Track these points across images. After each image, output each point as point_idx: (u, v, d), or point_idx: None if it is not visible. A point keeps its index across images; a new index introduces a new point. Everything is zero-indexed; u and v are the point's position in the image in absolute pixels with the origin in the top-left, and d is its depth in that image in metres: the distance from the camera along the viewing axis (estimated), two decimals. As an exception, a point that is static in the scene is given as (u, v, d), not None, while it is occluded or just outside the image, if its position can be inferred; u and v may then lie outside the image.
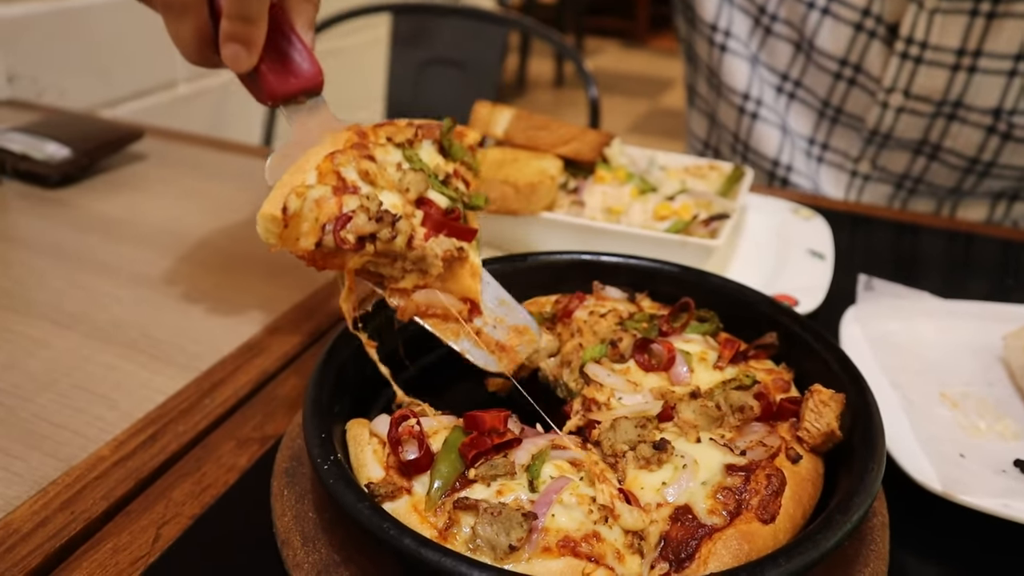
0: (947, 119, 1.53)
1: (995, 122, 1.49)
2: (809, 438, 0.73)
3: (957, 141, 1.55)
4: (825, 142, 1.73)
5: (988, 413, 0.94)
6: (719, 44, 1.75)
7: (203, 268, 1.22)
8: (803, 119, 1.73)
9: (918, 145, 1.60)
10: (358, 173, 0.81)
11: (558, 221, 1.16)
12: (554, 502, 0.64)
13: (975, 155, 1.55)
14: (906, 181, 1.68)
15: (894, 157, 1.64)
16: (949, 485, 0.78)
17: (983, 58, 1.46)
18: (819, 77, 1.65)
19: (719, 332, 0.90)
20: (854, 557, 0.69)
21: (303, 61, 0.87)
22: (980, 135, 1.52)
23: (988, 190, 1.64)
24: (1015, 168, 1.55)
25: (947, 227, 1.52)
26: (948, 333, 1.06)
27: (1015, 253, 1.44)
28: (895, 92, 1.53)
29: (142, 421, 0.89)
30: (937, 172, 1.62)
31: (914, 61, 1.50)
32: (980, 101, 1.49)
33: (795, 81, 1.70)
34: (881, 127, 1.59)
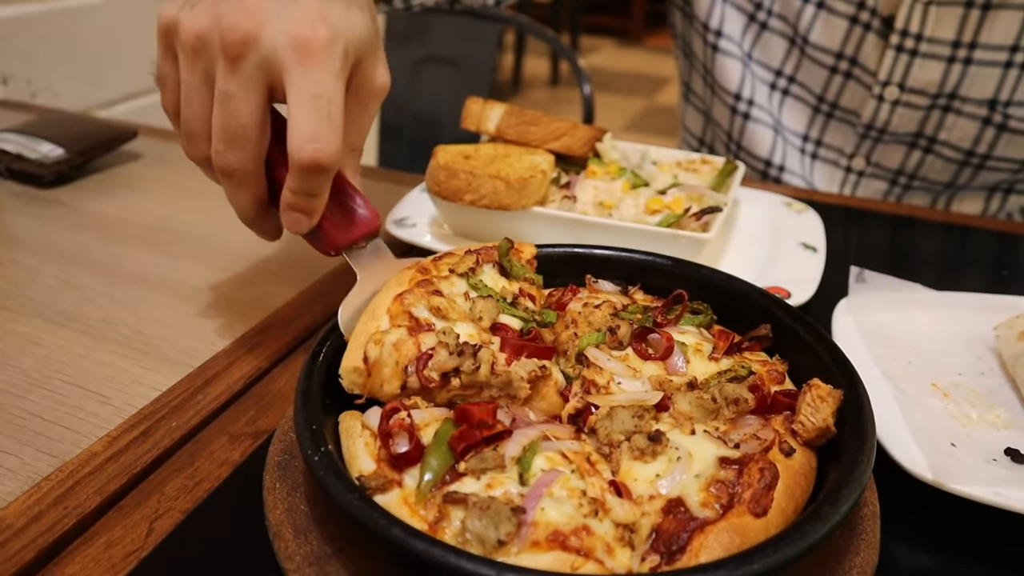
0: (942, 111, 1.54)
1: (990, 113, 1.49)
2: (804, 432, 0.73)
3: (952, 133, 1.55)
4: (819, 139, 1.73)
5: (980, 403, 0.94)
6: (711, 44, 1.75)
7: (196, 266, 1.22)
8: (797, 115, 1.74)
9: (913, 139, 1.60)
10: (429, 310, 0.82)
11: (550, 215, 1.16)
12: (544, 496, 0.64)
13: (970, 147, 1.55)
14: (901, 177, 1.68)
15: (888, 152, 1.65)
16: (940, 474, 0.78)
17: (978, 50, 1.46)
18: (814, 72, 1.65)
19: (713, 324, 0.90)
20: (845, 547, 0.69)
21: (359, 208, 0.90)
22: (975, 127, 1.52)
23: (983, 184, 1.64)
24: (1010, 160, 1.55)
25: (940, 220, 1.52)
26: (940, 324, 1.07)
27: (1009, 245, 1.44)
28: (891, 85, 1.54)
29: (135, 417, 0.89)
30: (932, 166, 1.62)
31: (909, 54, 1.50)
32: (975, 93, 1.49)
33: (789, 77, 1.70)
34: (876, 121, 1.59)
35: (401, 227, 1.26)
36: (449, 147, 1.22)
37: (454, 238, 1.24)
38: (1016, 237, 1.44)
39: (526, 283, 0.93)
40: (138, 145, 1.65)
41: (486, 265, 0.92)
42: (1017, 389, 0.96)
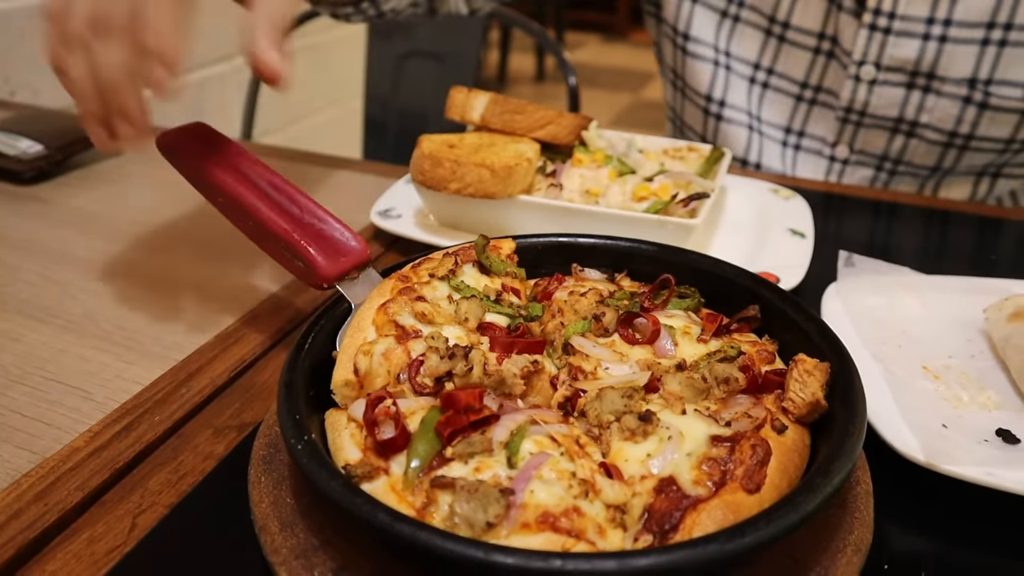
0: (922, 91, 1.53)
1: (971, 92, 1.49)
2: (794, 408, 0.72)
3: (933, 115, 1.55)
4: (801, 129, 1.72)
5: (970, 385, 0.93)
6: (680, 47, 1.74)
7: (178, 260, 1.20)
8: (777, 108, 1.72)
9: (895, 123, 1.60)
10: (414, 316, 0.81)
11: (536, 203, 1.15)
12: (533, 478, 0.64)
13: (953, 128, 1.55)
14: (886, 163, 1.68)
15: (871, 138, 1.64)
16: (932, 455, 0.78)
17: (953, 27, 1.46)
18: (795, 57, 1.64)
19: (700, 308, 0.90)
20: (839, 525, 0.69)
21: (348, 240, 0.91)
22: (956, 107, 1.52)
23: (970, 167, 1.64)
24: (994, 140, 1.55)
25: (927, 205, 1.52)
26: (930, 307, 1.06)
27: (996, 229, 1.44)
28: (866, 64, 1.53)
29: (117, 411, 0.87)
30: (916, 150, 1.62)
31: (883, 32, 1.50)
32: (954, 71, 1.49)
33: (768, 69, 1.69)
34: (855, 103, 1.58)
35: (386, 218, 1.24)
36: (434, 136, 1.21)
37: (439, 228, 1.23)
38: (1001, 221, 1.44)
39: (508, 278, 0.92)
40: (119, 142, 1.62)
41: (465, 265, 0.91)
42: (1007, 371, 0.96)
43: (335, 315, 0.85)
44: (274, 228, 0.89)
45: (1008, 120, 1.51)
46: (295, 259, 0.90)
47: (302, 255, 0.88)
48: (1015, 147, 1.56)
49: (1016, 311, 0.99)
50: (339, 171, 1.59)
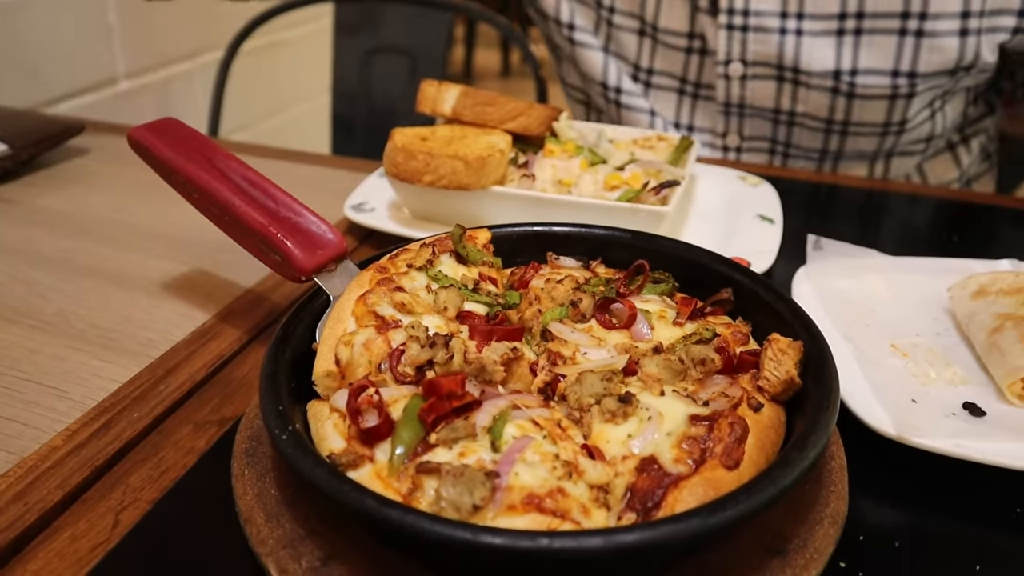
0: (793, 84, 1.56)
1: (836, 83, 1.51)
2: (769, 387, 0.74)
3: (808, 105, 1.58)
4: (690, 123, 1.74)
5: (937, 361, 0.96)
6: (567, 37, 1.76)
7: (150, 258, 1.19)
8: (664, 104, 1.75)
9: (774, 114, 1.62)
10: (393, 306, 0.82)
11: (509, 194, 1.16)
12: (517, 461, 0.64)
13: (828, 116, 1.58)
14: (777, 146, 1.70)
15: (757, 125, 1.67)
16: (902, 429, 0.80)
17: (807, 20, 1.49)
18: (671, 56, 1.67)
19: (675, 292, 0.91)
20: (815, 498, 0.71)
21: (324, 233, 0.91)
22: (826, 97, 1.55)
23: (858, 151, 1.66)
24: (871, 124, 1.58)
25: (902, 190, 1.55)
26: (896, 288, 1.09)
27: (955, 211, 1.48)
28: (733, 62, 1.56)
29: (95, 409, 0.87)
30: (800, 136, 1.65)
31: (741, 30, 1.53)
32: (816, 65, 1.51)
33: (648, 69, 1.71)
34: (731, 97, 1.61)
35: (360, 212, 1.24)
36: (406, 129, 1.21)
37: (413, 221, 1.24)
38: (960, 203, 1.48)
39: (485, 267, 0.93)
40: (85, 140, 1.61)
41: (443, 256, 0.92)
42: (971, 347, 0.99)
43: (314, 307, 0.85)
44: (250, 222, 0.89)
45: (878, 106, 1.53)
46: (272, 253, 0.90)
47: (279, 248, 0.88)
48: (894, 129, 1.58)
49: (979, 289, 1.02)
50: (309, 167, 1.59)
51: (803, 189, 1.55)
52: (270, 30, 2.63)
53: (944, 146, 1.75)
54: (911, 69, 1.47)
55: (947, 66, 1.47)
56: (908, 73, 1.47)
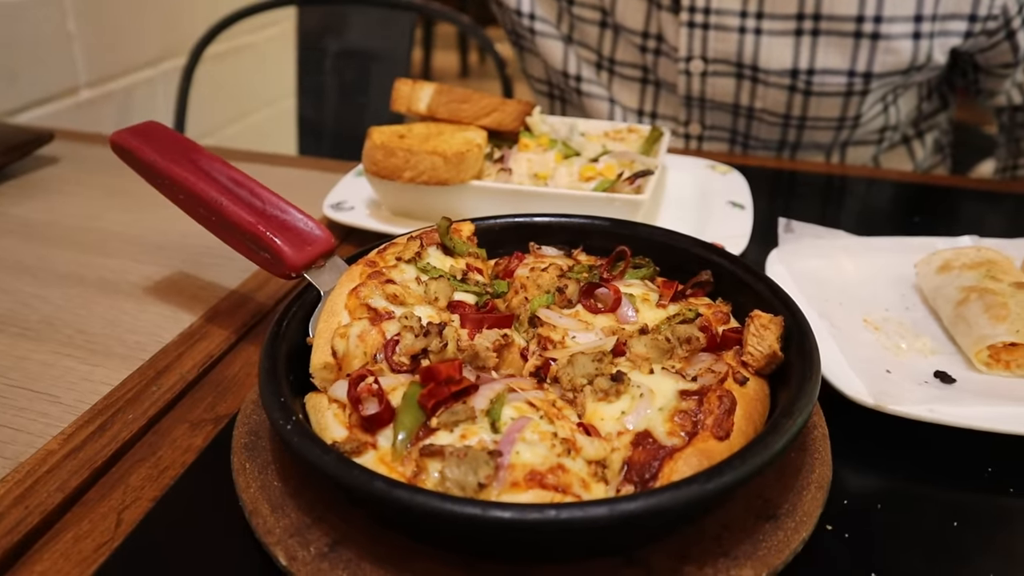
0: (751, 82, 1.60)
1: (793, 81, 1.56)
2: (753, 361, 0.77)
3: (766, 101, 1.62)
4: (653, 111, 1.78)
5: (907, 333, 1.00)
6: (528, 28, 1.79)
7: (132, 263, 1.19)
8: (627, 92, 1.78)
9: (734, 108, 1.67)
10: (386, 298, 0.83)
11: (489, 188, 1.18)
12: (517, 440, 0.67)
13: (785, 112, 1.62)
14: (737, 136, 1.75)
15: (718, 116, 1.71)
16: (879, 398, 0.84)
17: (765, 19, 1.53)
18: (631, 50, 1.70)
19: (656, 276, 0.94)
20: (801, 465, 0.74)
21: (312, 229, 0.93)
22: (784, 95, 1.59)
23: (815, 142, 1.71)
24: (827, 119, 1.63)
25: (864, 175, 1.60)
26: (865, 266, 1.13)
27: (915, 193, 1.53)
28: (694, 59, 1.60)
29: (89, 413, 0.87)
30: (759, 129, 1.69)
31: (702, 28, 1.57)
32: (774, 63, 1.55)
33: (610, 59, 1.74)
34: (692, 92, 1.65)
35: (339, 211, 1.26)
36: (383, 128, 1.22)
37: (393, 218, 1.25)
38: (921, 185, 1.54)
39: (471, 258, 0.95)
40: (55, 149, 1.59)
41: (430, 248, 0.94)
42: (939, 319, 1.03)
43: (305, 303, 0.86)
44: (239, 222, 0.90)
45: (833, 102, 1.58)
46: (261, 251, 0.91)
47: (268, 246, 0.89)
48: (849, 123, 1.64)
49: (943, 264, 1.06)
50: (282, 168, 1.59)
51: (769, 175, 1.60)
52: (233, 35, 2.62)
53: (899, 139, 1.81)
54: (867, 70, 1.51)
55: (900, 67, 1.52)
56: (864, 74, 1.52)
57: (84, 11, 2.39)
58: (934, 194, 1.55)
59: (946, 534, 0.73)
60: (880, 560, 0.70)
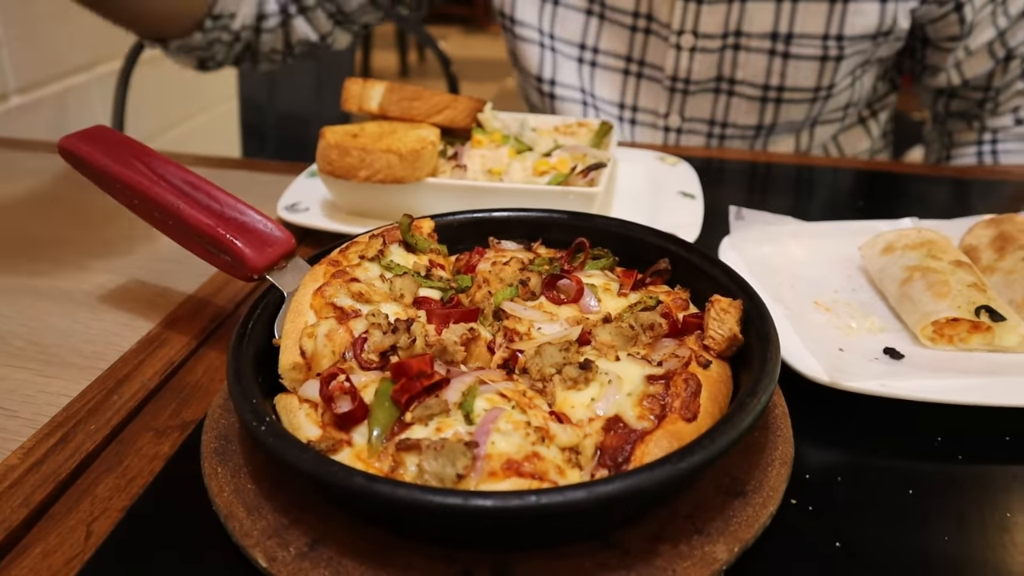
0: (733, 50, 1.67)
1: (773, 44, 1.64)
2: (715, 345, 0.79)
3: (747, 71, 1.69)
4: (634, 104, 1.82)
5: (856, 313, 1.04)
6: (510, 30, 1.81)
7: (82, 272, 1.17)
8: (609, 85, 1.82)
9: (715, 83, 1.72)
10: (352, 297, 0.83)
11: (445, 184, 1.18)
12: (492, 430, 0.68)
13: (764, 81, 1.69)
14: (714, 127, 1.80)
15: (698, 103, 1.76)
16: (834, 375, 0.87)
17: None
18: (617, 34, 1.74)
19: (615, 266, 0.96)
20: (764, 443, 0.76)
21: (272, 231, 0.92)
22: (764, 60, 1.66)
23: (789, 123, 1.78)
24: (803, 90, 1.69)
25: (799, 163, 1.65)
26: (813, 250, 1.17)
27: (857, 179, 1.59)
28: (685, 33, 1.65)
29: (48, 425, 0.85)
30: (738, 109, 1.75)
31: (696, 1, 1.62)
32: (757, 27, 1.63)
33: (593, 48, 1.78)
34: (679, 71, 1.70)
35: (294, 212, 1.25)
36: (335, 128, 1.22)
37: (349, 218, 1.25)
38: (864, 172, 1.59)
39: (433, 255, 0.96)
40: (-11, 159, 1.55)
41: (392, 245, 0.94)
42: (885, 299, 1.07)
43: (269, 304, 0.86)
44: (197, 225, 0.89)
45: (809, 68, 1.66)
46: (220, 254, 0.90)
47: (229, 249, 0.88)
48: (822, 94, 1.71)
49: (887, 246, 1.10)
50: (230, 172, 1.57)
51: (718, 166, 1.63)
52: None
53: (856, 119, 1.89)
54: (839, 32, 1.59)
55: (869, 30, 1.60)
56: (836, 36, 1.59)
57: (11, 15, 2.32)
58: (875, 180, 1.61)
59: (903, 501, 0.76)
60: (843, 529, 0.73)
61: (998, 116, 1.79)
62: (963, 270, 1.02)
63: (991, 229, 1.12)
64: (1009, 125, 1.78)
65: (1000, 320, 0.94)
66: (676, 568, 0.64)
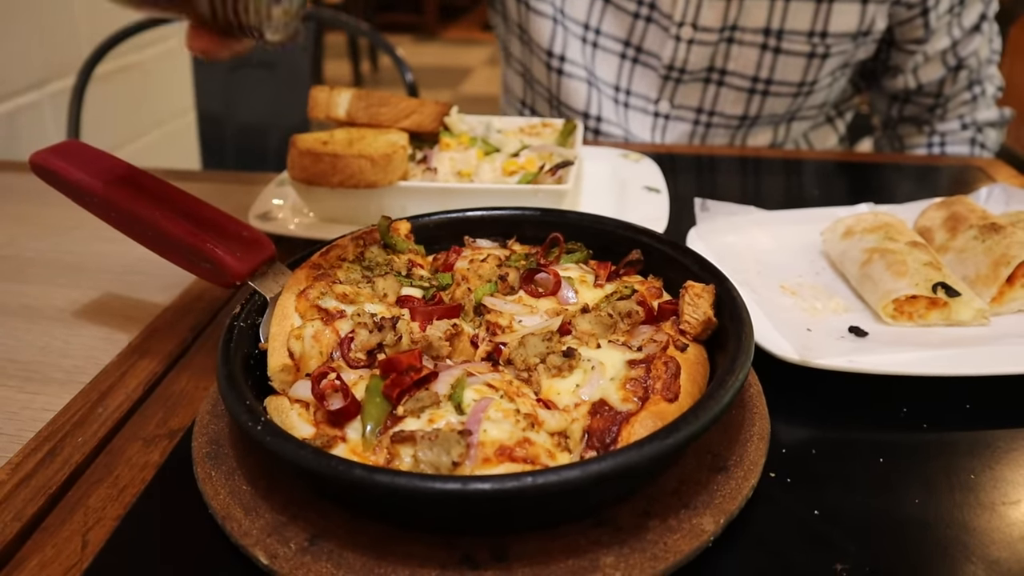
0: (728, 43, 1.73)
1: (766, 39, 1.71)
2: (690, 328, 0.82)
3: (738, 63, 1.75)
4: (628, 87, 1.87)
5: (821, 295, 1.08)
6: (523, 1, 1.85)
7: (55, 288, 1.16)
8: (607, 66, 1.87)
9: (707, 74, 1.78)
10: (336, 298, 0.85)
11: (417, 187, 1.20)
12: (483, 419, 0.70)
13: (754, 73, 1.75)
14: (701, 115, 1.85)
15: (688, 92, 1.82)
16: (804, 354, 0.91)
17: None
18: (620, 19, 1.79)
19: (589, 259, 0.99)
20: (742, 420, 0.80)
21: (252, 237, 0.93)
22: (756, 53, 1.73)
23: (771, 115, 1.84)
24: (789, 84, 1.76)
25: (760, 156, 1.70)
26: (776, 238, 1.21)
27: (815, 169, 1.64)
28: (685, 25, 1.70)
29: (35, 440, 0.86)
30: (726, 98, 1.81)
31: None
32: (752, 22, 1.69)
33: (596, 29, 1.83)
34: (676, 61, 1.75)
35: (266, 221, 1.26)
36: (305, 135, 1.23)
37: (322, 225, 1.26)
38: (815, 161, 1.64)
39: (411, 255, 0.98)
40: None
41: (372, 247, 0.96)
42: (847, 280, 1.11)
43: (252, 310, 0.87)
44: (177, 234, 0.89)
45: (797, 64, 1.73)
46: (201, 262, 0.91)
47: (210, 257, 0.89)
48: (805, 90, 1.78)
49: (846, 230, 1.15)
50: (195, 184, 1.55)
51: (684, 161, 1.68)
52: (120, 54, 2.54)
53: (825, 119, 1.98)
54: (823, 29, 1.67)
55: (851, 29, 1.68)
56: (821, 33, 1.67)
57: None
58: (830, 169, 1.67)
59: (874, 469, 0.80)
60: (820, 498, 0.76)
61: (946, 121, 1.89)
62: (919, 250, 1.06)
63: (943, 211, 1.18)
64: (956, 129, 1.89)
65: (956, 296, 0.99)
66: (667, 541, 0.67)
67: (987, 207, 1.21)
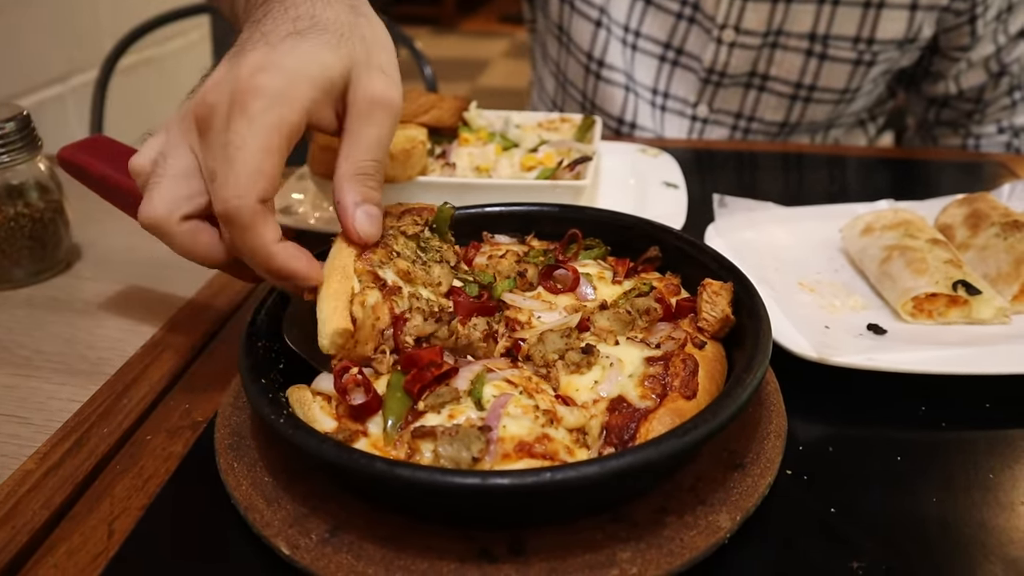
0: (771, 48, 1.71)
1: (811, 45, 1.68)
2: (708, 326, 0.83)
3: (781, 68, 1.73)
4: (666, 90, 1.86)
5: (840, 292, 1.08)
6: (568, 2, 1.84)
7: (80, 281, 1.18)
8: (645, 69, 1.86)
9: (748, 78, 1.76)
10: (396, 273, 0.81)
11: (436, 183, 1.21)
12: (502, 415, 0.70)
13: (798, 79, 1.73)
14: (740, 120, 1.84)
15: (728, 96, 1.80)
16: (822, 351, 0.91)
17: None
18: (661, 21, 1.78)
19: (607, 255, 0.99)
20: (760, 417, 0.80)
21: None
22: (800, 59, 1.71)
23: (811, 122, 1.83)
24: (832, 91, 1.75)
25: (779, 150, 1.69)
26: (795, 234, 1.21)
27: (835, 165, 1.63)
28: (727, 28, 1.69)
29: (62, 430, 0.87)
30: (767, 104, 1.79)
31: None
32: (797, 27, 1.67)
33: (636, 31, 1.82)
34: (716, 64, 1.74)
35: (288, 215, 1.27)
36: (325, 130, 1.24)
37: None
38: (837, 158, 1.64)
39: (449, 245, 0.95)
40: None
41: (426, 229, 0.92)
42: (866, 278, 1.11)
43: (275, 301, 0.88)
44: None
45: (842, 70, 1.71)
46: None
47: None
48: (848, 97, 1.77)
49: (866, 227, 1.15)
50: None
51: (700, 157, 1.68)
52: (142, 48, 2.57)
53: (857, 122, 1.97)
54: (870, 36, 1.65)
55: (898, 36, 1.65)
56: (868, 39, 1.65)
57: (-18, 28, 2.31)
58: (847, 165, 1.66)
59: (892, 467, 0.80)
60: (838, 496, 0.76)
61: (983, 125, 1.87)
62: (939, 247, 1.06)
63: (964, 208, 1.17)
64: (992, 132, 1.87)
65: (976, 294, 0.98)
66: (683, 537, 0.68)
67: (1009, 204, 1.20)
